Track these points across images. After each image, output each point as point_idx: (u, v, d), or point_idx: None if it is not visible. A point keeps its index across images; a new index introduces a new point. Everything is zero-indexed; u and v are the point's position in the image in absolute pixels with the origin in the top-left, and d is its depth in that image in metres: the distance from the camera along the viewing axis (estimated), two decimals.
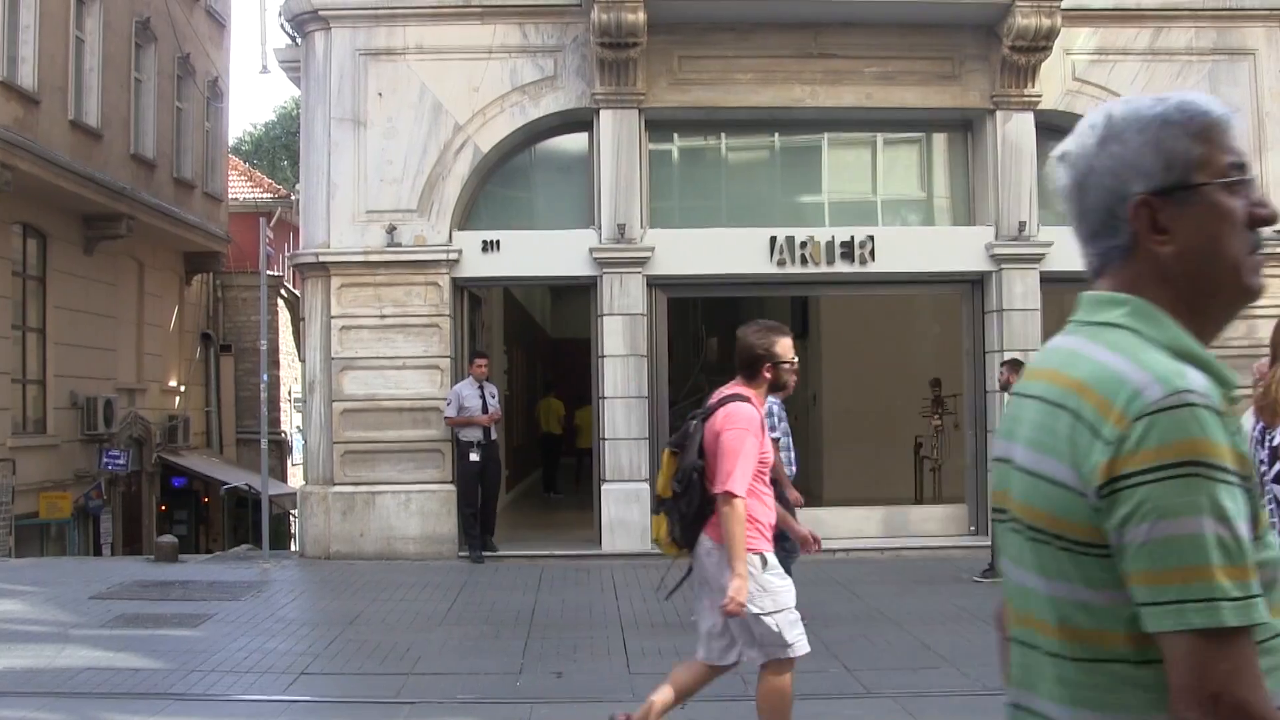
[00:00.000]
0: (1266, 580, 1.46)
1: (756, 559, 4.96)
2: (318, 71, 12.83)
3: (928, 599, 10.06)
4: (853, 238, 12.89)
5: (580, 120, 13.02)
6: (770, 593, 4.96)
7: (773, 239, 12.83)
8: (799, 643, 5.02)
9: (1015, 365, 11.28)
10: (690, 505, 5.01)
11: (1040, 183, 13.08)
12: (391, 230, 12.55)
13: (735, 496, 4.83)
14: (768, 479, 5.13)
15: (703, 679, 5.27)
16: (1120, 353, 1.53)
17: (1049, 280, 13.04)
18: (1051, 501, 1.54)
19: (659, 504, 5.23)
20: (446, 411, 12.31)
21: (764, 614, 4.95)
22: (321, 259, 12.61)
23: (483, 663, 7.82)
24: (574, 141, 13.33)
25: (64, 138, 16.76)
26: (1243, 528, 1.43)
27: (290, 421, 25.41)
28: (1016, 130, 12.94)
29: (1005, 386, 11.24)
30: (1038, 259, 12.93)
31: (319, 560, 12.38)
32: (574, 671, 7.55)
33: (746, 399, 5.03)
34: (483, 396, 12.27)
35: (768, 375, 5.09)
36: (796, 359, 5.22)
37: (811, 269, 12.92)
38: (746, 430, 4.90)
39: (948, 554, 12.52)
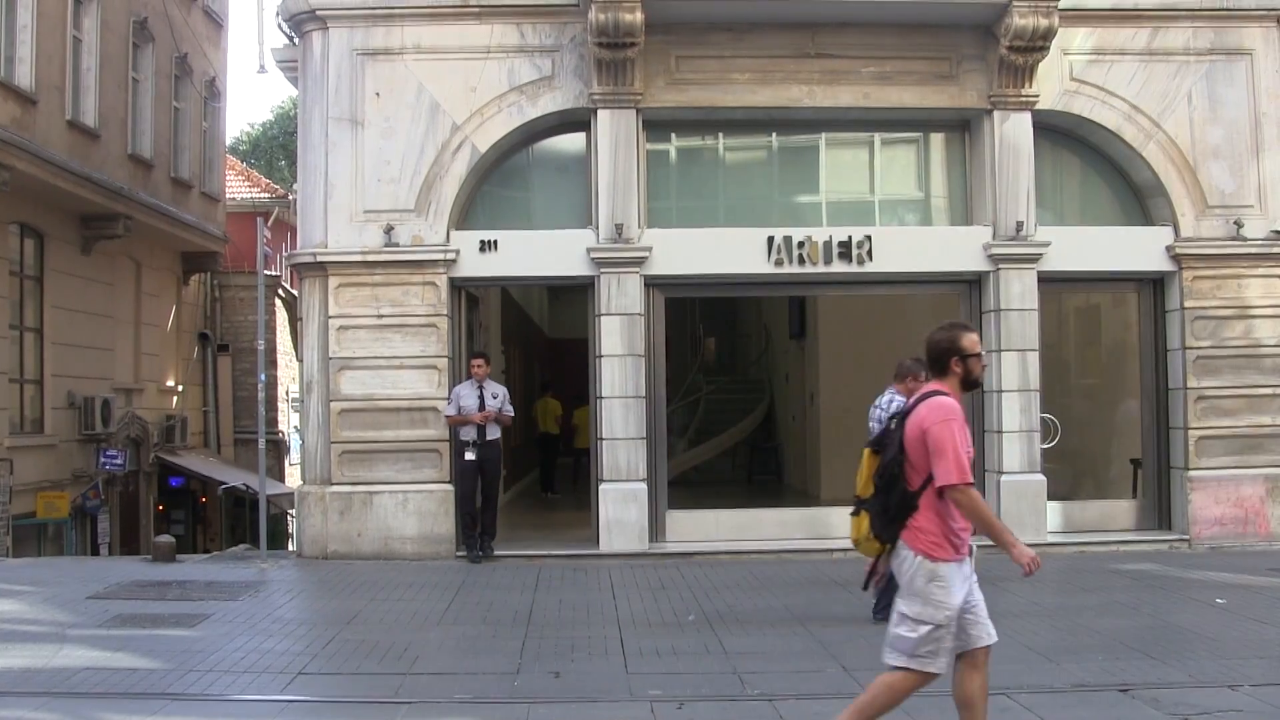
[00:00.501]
0: None
1: (931, 565, 4.95)
2: (315, 71, 12.82)
3: None
4: (850, 238, 12.89)
5: (578, 120, 13.01)
6: (928, 604, 4.95)
7: (770, 239, 12.83)
8: (928, 661, 4.99)
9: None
10: (891, 499, 5.06)
11: (1038, 182, 13.09)
12: (389, 230, 12.55)
13: (965, 485, 4.88)
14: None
15: (973, 671, 5.18)
16: None
17: (1046, 280, 13.05)
18: None
19: (858, 504, 5.26)
20: (447, 410, 12.34)
21: (909, 617, 4.98)
22: (319, 259, 12.61)
23: (480, 662, 7.82)
24: (571, 141, 13.32)
25: (61, 137, 16.76)
26: None
27: (288, 421, 25.41)
28: (1014, 130, 12.93)
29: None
30: (1035, 259, 12.93)
31: (316, 560, 12.38)
32: (571, 671, 7.55)
33: (945, 393, 5.10)
34: (481, 396, 12.27)
35: (957, 370, 5.15)
36: (983, 353, 5.25)
37: (809, 269, 12.92)
38: (951, 420, 4.96)
39: None
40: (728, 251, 12.86)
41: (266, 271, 13.38)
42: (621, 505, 12.56)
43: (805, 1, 12.56)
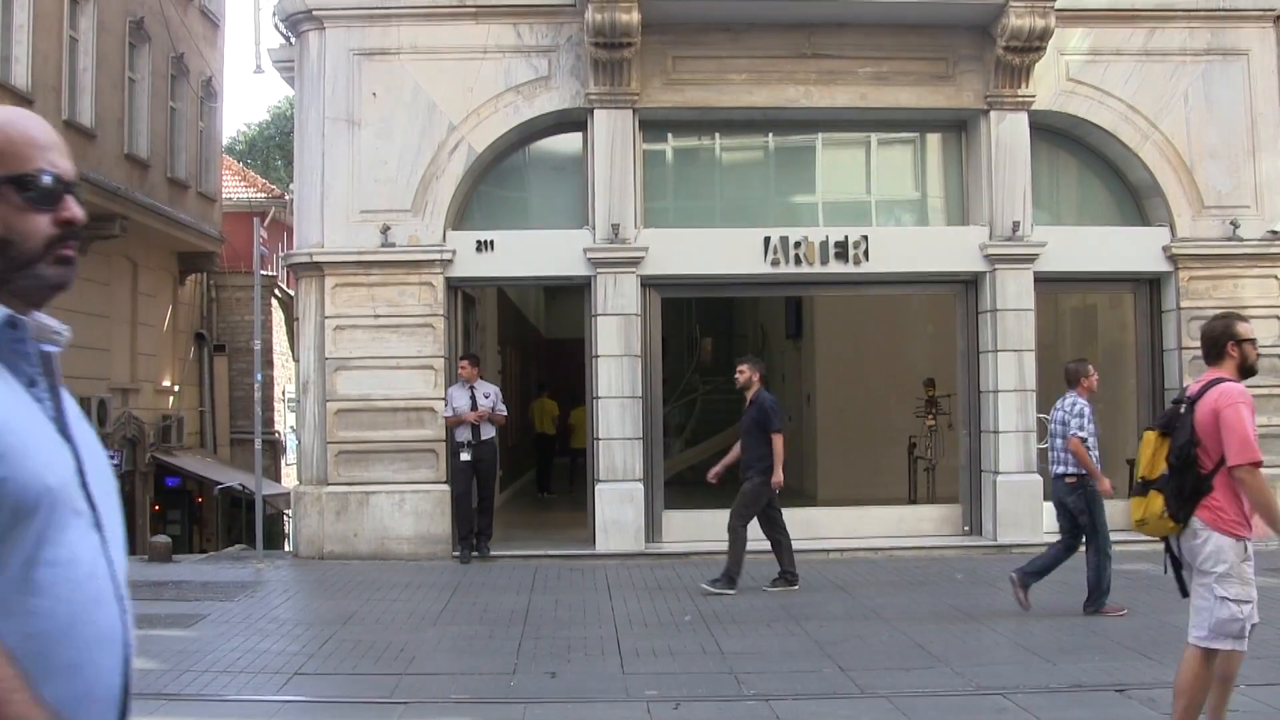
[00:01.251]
0: None
1: (1241, 545, 5.11)
2: (312, 71, 12.81)
3: (921, 599, 10.08)
4: (847, 238, 12.89)
5: (574, 120, 13.01)
6: (1244, 583, 5.09)
7: (767, 239, 12.83)
8: (1246, 637, 5.14)
9: (758, 364, 10.73)
10: (1185, 482, 5.20)
11: (1034, 183, 13.10)
12: (385, 230, 12.54)
13: (1253, 465, 5.03)
14: None
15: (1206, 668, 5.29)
16: None
17: (1043, 280, 13.06)
18: None
19: (1144, 484, 5.41)
20: (444, 411, 12.35)
21: (1231, 599, 5.07)
22: (315, 259, 12.60)
23: (477, 662, 7.82)
24: (568, 141, 13.32)
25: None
26: None
27: (284, 421, 25.38)
28: (1010, 130, 12.94)
29: (745, 387, 10.49)
30: (1031, 259, 12.94)
31: (313, 560, 12.37)
32: (568, 671, 7.55)
33: (1229, 379, 5.23)
34: (472, 397, 12.27)
35: (1233, 354, 5.29)
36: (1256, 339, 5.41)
37: (806, 269, 12.92)
38: (1242, 404, 5.11)
39: (941, 554, 12.54)
40: (724, 252, 12.86)
41: (263, 271, 13.37)
42: (618, 505, 12.56)
43: (802, 2, 12.56)
